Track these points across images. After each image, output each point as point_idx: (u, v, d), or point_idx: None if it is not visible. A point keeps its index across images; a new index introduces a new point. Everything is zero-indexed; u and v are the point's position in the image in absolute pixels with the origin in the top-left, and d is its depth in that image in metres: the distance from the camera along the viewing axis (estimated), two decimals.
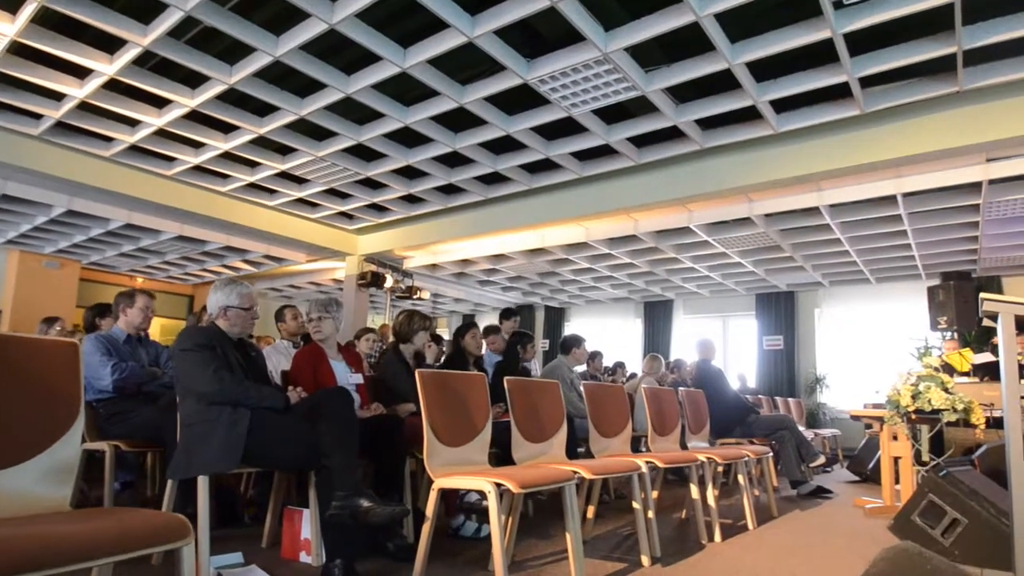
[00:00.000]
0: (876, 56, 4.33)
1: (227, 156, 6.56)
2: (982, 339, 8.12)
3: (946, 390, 3.91)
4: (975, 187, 5.70)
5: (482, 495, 2.62)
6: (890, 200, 6.09)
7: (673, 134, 5.61)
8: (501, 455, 3.24)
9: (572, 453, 3.97)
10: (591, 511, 3.55)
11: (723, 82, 4.69)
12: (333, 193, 7.66)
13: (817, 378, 10.15)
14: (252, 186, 7.45)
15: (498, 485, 2.27)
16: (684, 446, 4.33)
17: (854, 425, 8.65)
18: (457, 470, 2.61)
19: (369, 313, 11.48)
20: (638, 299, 12.33)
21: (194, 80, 5.15)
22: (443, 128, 5.79)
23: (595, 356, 7.52)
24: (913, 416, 3.99)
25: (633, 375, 9.45)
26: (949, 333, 7.48)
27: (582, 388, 5.11)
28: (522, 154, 6.17)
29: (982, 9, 3.83)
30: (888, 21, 3.84)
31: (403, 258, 9.76)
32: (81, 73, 5.08)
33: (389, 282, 9.52)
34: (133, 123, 5.94)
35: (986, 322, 2.57)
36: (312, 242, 8.88)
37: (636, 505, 3.03)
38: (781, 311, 10.71)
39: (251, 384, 2.67)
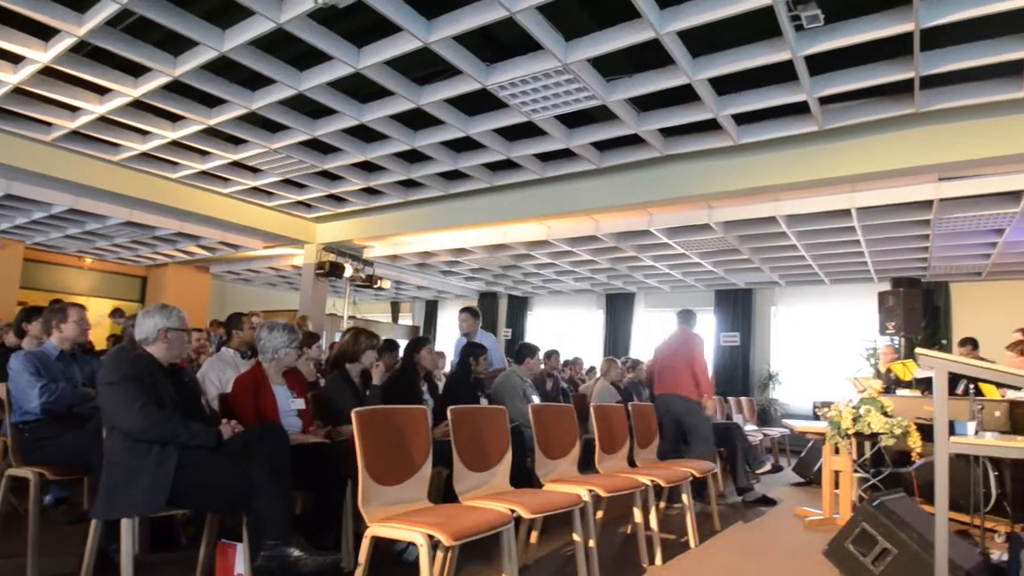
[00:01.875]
0: (835, 77, 4.34)
1: (176, 144, 6.30)
2: (928, 344, 8.37)
3: (885, 414, 4.00)
4: (927, 204, 5.80)
5: None
6: (845, 212, 6.17)
7: (635, 140, 5.56)
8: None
9: (522, 470, 3.96)
10: (534, 536, 3.55)
11: (685, 94, 4.65)
12: (289, 183, 7.44)
13: (771, 375, 10.37)
14: (204, 174, 7.18)
15: (430, 537, 2.23)
16: (632, 462, 4.35)
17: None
18: (394, 511, 2.55)
19: (330, 297, 11.32)
20: (600, 291, 12.38)
21: (137, 69, 4.90)
22: (401, 126, 5.64)
23: (551, 355, 7.50)
24: (853, 439, 4.08)
25: (592, 369, 9.52)
26: (891, 339, 7.67)
27: (535, 399, 5.13)
28: (483, 153, 6.07)
29: (939, 37, 3.84)
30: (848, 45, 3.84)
31: (363, 247, 9.59)
32: (15, 59, 4.80)
33: (348, 272, 9.35)
34: (73, 109, 5.65)
35: (924, 372, 2.62)
36: (269, 230, 8.65)
37: (576, 538, 3.03)
38: (739, 308, 10.87)
39: (181, 421, 2.57)
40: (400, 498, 2.68)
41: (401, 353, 5.05)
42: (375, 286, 10.10)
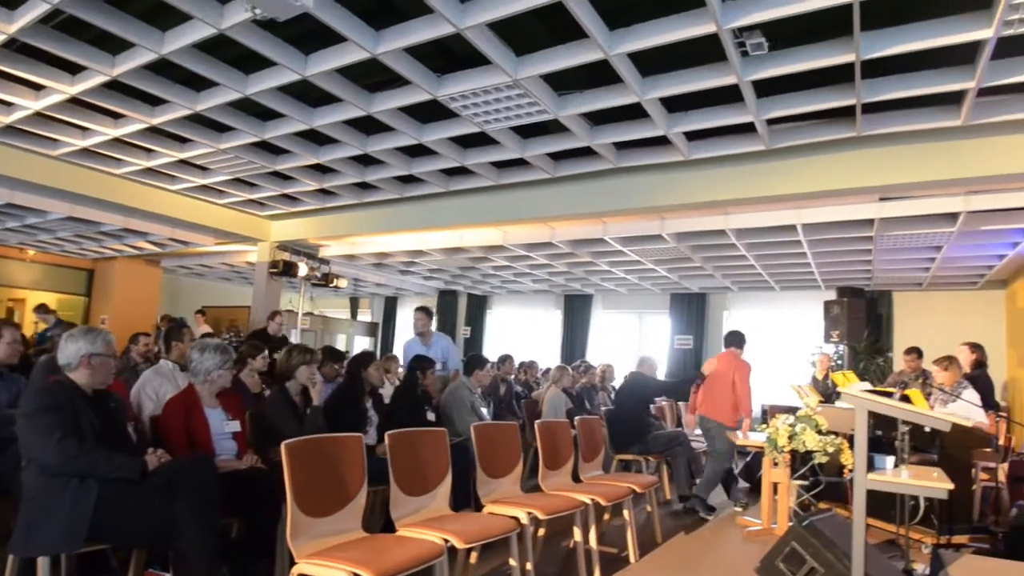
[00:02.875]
0: (781, 100, 4.41)
1: (119, 141, 6.08)
2: (871, 352, 8.66)
3: (820, 431, 4.12)
4: (869, 222, 5.97)
5: None
6: (791, 227, 6.31)
7: (588, 152, 5.58)
8: None
9: (466, 488, 3.96)
10: (474, 556, 3.56)
11: (636, 110, 4.68)
12: (241, 182, 7.26)
13: None
14: (150, 171, 6.96)
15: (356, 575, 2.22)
16: (577, 477, 4.39)
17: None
18: (324, 545, 2.53)
19: (287, 293, 11.10)
20: (559, 292, 12.44)
21: (74, 67, 4.70)
22: (354, 130, 5.55)
23: (505, 360, 7.52)
24: (788, 456, 4.19)
25: (548, 370, 9.55)
26: (836, 347, 7.90)
27: (484, 411, 5.14)
28: (437, 160, 6.01)
29: (880, 66, 3.93)
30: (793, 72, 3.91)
31: (319, 246, 9.43)
32: None
33: (303, 271, 9.18)
34: (7, 104, 5.40)
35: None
36: (220, 227, 8.43)
37: (513, 562, 3.05)
38: (693, 311, 11.06)
39: (102, 453, 2.49)
40: (332, 529, 2.66)
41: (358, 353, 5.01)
42: (331, 285, 9.95)
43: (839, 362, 8.46)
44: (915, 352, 6.99)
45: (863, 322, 7.81)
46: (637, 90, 4.25)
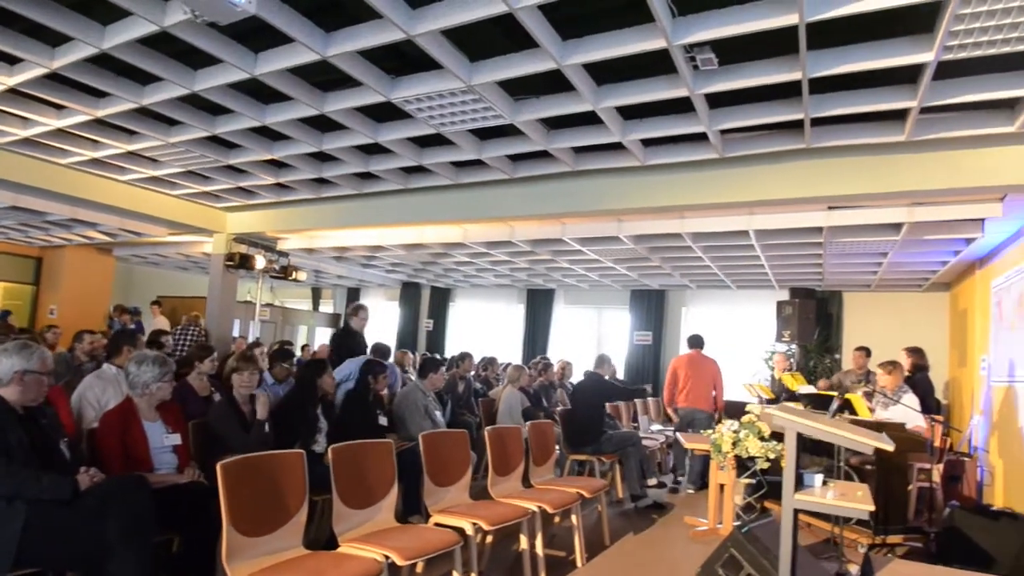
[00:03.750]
0: (733, 111, 4.47)
1: (63, 132, 5.86)
2: (821, 351, 8.91)
3: (762, 438, 4.23)
4: (818, 229, 6.12)
5: None
6: (744, 232, 6.43)
7: (546, 155, 5.58)
8: None
9: (416, 495, 3.96)
10: (420, 566, 3.58)
11: (593, 117, 4.69)
12: (194, 174, 7.08)
13: None
14: (97, 161, 6.73)
15: None
16: (528, 482, 4.43)
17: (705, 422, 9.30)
18: (261, 565, 2.52)
19: (246, 283, 10.91)
20: (521, 286, 12.48)
21: (11, 58, 4.51)
22: (308, 127, 5.44)
23: (464, 357, 7.53)
24: (731, 461, 4.30)
25: (508, 365, 9.59)
26: (788, 347, 8.12)
27: (437, 415, 5.14)
28: (394, 158, 5.95)
29: (829, 82, 4.01)
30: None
31: (277, 239, 9.26)
32: None
33: (261, 263, 8.99)
34: None
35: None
36: (173, 219, 8.20)
37: (457, 575, 3.08)
38: (652, 308, 11.21)
39: (31, 473, 2.43)
40: (270, 548, 2.65)
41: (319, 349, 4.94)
42: (290, 278, 9.79)
43: (793, 361, 8.69)
44: (864, 351, 7.23)
45: (813, 323, 8.04)
46: (591, 99, 4.26)
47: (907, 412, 5.11)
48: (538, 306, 12.43)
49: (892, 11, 3.13)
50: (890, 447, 2.42)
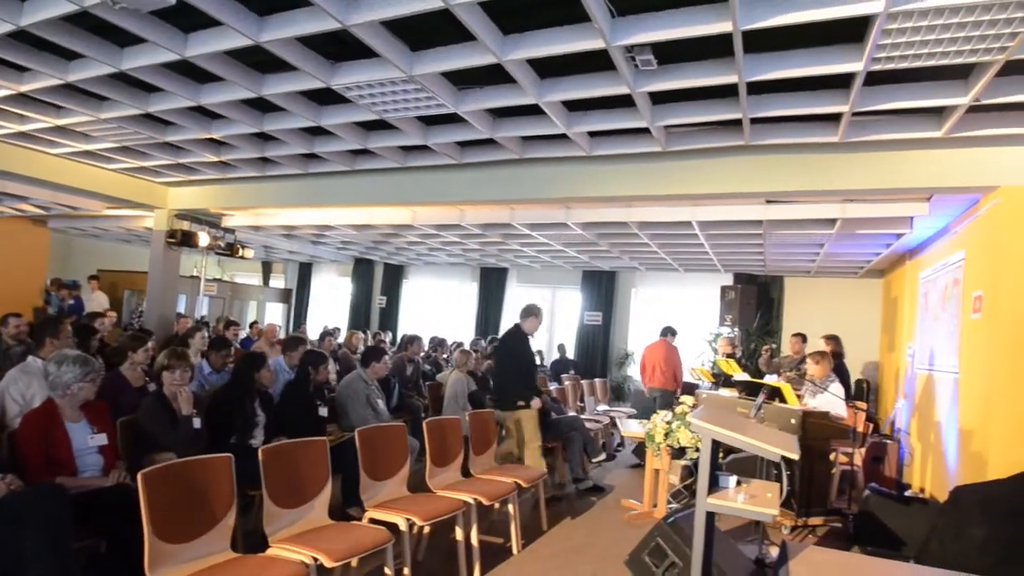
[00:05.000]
0: (674, 109, 4.52)
1: None
2: (761, 335, 9.20)
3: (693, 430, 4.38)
4: (758, 222, 6.28)
5: None
6: (688, 222, 6.55)
7: (493, 142, 5.55)
8: None
9: (357, 486, 3.98)
10: (355, 560, 3.62)
11: (538, 108, 4.67)
12: (130, 150, 6.80)
13: (627, 353, 11.02)
14: (24, 135, 6.40)
15: None
16: (467, 472, 4.50)
17: (649, 402, 9.56)
18: (186, 571, 2.52)
19: (192, 256, 10.60)
20: (474, 265, 12.47)
21: None
22: (247, 108, 5.28)
23: (413, 340, 7.53)
24: (666, 450, 4.46)
25: (459, 344, 9.64)
26: (730, 330, 8.38)
27: (380, 404, 5.15)
28: (339, 141, 5.83)
29: (765, 85, 4.08)
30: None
31: (222, 215, 9.01)
32: None
33: (205, 240, 8.74)
34: None
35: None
36: (110, 194, 7.89)
37: (388, 572, 3.13)
38: (603, 288, 11.37)
39: None
40: (196, 554, 2.64)
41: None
42: (237, 255, 9.56)
43: (738, 345, 8.95)
44: (800, 337, 7.51)
45: (754, 307, 8.30)
46: (534, 93, 4.25)
47: (832, 401, 5.36)
48: (491, 284, 12.46)
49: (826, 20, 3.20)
50: (795, 455, 2.55)
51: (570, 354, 11.07)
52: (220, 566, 2.62)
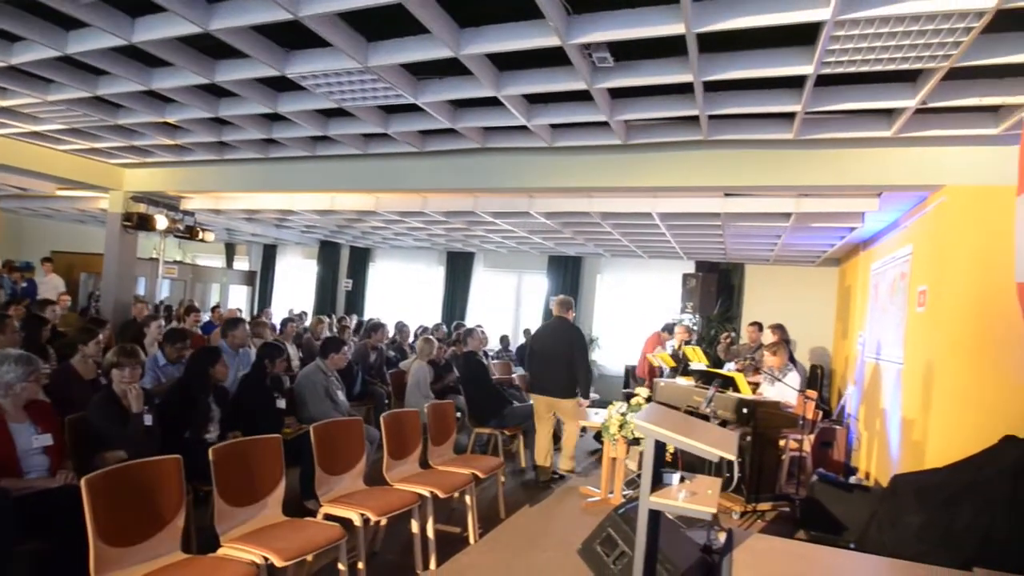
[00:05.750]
0: (633, 104, 4.54)
1: None
2: (722, 321, 9.39)
3: None
4: (716, 214, 6.37)
5: None
6: (648, 213, 6.62)
7: (455, 131, 5.51)
8: None
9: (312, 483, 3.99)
10: (310, 555, 3.65)
11: (497, 101, 4.65)
12: (80, 132, 6.58)
13: (592, 338, 11.13)
14: None
15: None
16: (426, 463, 4.54)
17: (615, 384, 9.72)
18: (137, 572, 2.52)
19: (151, 238, 10.32)
20: (441, 249, 12.43)
21: None
22: (202, 93, 5.15)
23: (377, 327, 7.51)
24: (622, 440, 4.56)
25: (424, 329, 9.63)
26: (691, 317, 8.54)
27: (340, 396, 5.15)
28: (298, 127, 5.73)
29: (720, 83, 4.12)
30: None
31: (180, 198, 8.80)
32: None
33: (163, 224, 8.52)
34: None
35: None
36: (61, 175, 7.64)
37: (342, 567, 3.17)
38: (568, 273, 11.44)
39: None
40: (144, 556, 2.64)
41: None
42: (197, 238, 9.35)
43: (696, 330, 9.13)
44: (757, 325, 7.69)
45: (715, 295, 8.45)
46: (493, 86, 4.23)
47: (784, 391, 5.53)
48: (458, 269, 12.44)
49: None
50: (732, 457, 2.64)
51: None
52: (169, 568, 2.62)
